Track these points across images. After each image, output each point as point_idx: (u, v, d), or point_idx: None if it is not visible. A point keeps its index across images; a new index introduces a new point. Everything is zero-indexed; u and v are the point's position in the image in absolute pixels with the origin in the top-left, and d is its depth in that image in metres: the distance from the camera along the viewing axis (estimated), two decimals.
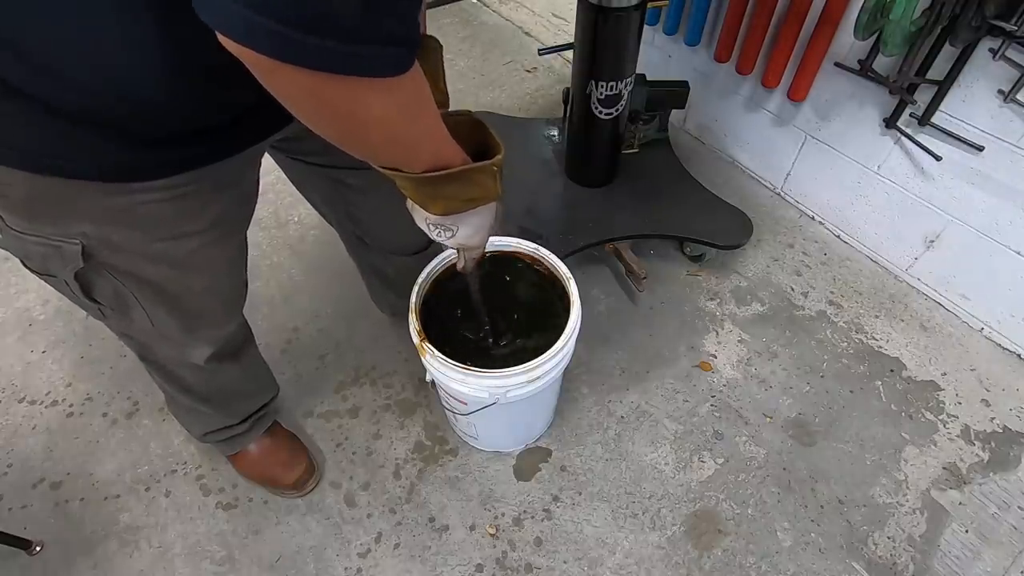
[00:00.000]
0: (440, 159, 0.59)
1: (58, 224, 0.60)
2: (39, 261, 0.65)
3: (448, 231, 0.69)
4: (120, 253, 0.64)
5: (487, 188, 0.65)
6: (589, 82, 1.33)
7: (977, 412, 1.32)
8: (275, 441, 1.20)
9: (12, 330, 1.49)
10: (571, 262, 1.14)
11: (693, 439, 1.29)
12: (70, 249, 0.62)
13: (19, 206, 0.59)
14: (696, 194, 1.58)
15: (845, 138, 1.50)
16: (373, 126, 0.50)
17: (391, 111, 0.49)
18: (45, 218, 0.60)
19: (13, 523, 1.17)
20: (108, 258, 0.65)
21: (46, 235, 0.61)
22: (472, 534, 1.17)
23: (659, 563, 1.14)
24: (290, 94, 0.45)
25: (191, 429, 1.14)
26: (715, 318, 1.50)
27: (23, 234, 0.62)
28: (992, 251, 1.33)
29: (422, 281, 1.02)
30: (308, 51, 0.39)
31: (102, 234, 0.62)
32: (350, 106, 0.46)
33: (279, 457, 1.19)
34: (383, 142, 0.54)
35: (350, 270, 1.25)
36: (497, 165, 0.62)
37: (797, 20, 1.38)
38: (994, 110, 1.19)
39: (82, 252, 0.62)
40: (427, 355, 0.94)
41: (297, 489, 1.19)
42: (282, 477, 1.18)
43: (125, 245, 0.63)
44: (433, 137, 0.57)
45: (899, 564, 1.13)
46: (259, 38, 0.38)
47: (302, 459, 1.20)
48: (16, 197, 0.57)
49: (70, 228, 0.60)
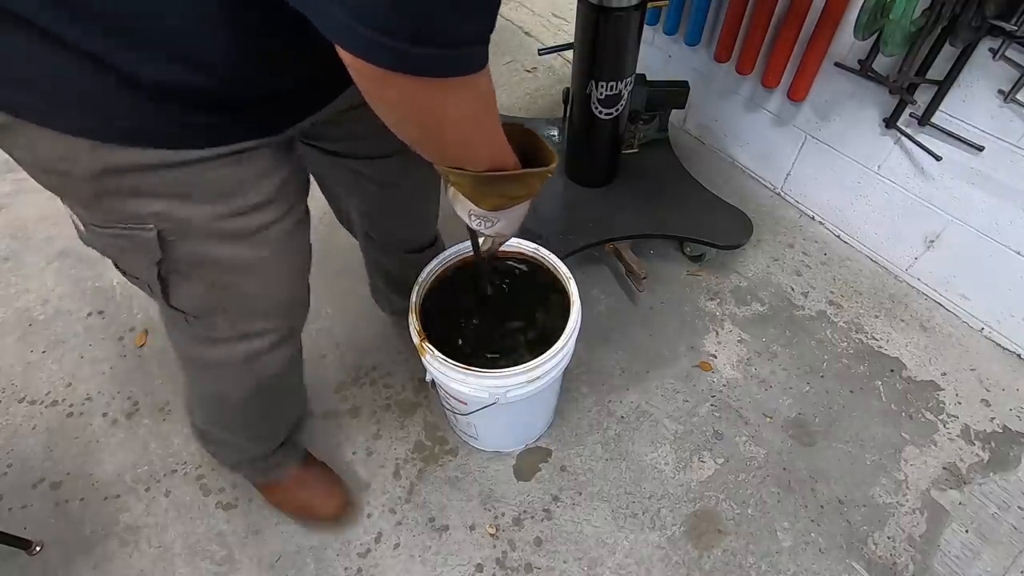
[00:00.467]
0: (497, 160, 0.64)
1: (126, 206, 0.60)
2: (119, 255, 0.67)
3: (489, 222, 0.75)
4: (191, 237, 0.64)
5: (533, 189, 0.72)
6: (589, 82, 1.33)
7: (977, 412, 1.32)
8: (309, 471, 1.16)
9: (12, 330, 1.49)
10: (571, 262, 1.14)
11: (693, 439, 1.29)
12: (145, 236, 0.62)
13: (83, 185, 0.59)
14: (696, 194, 1.58)
15: (845, 138, 1.50)
16: (452, 125, 0.55)
17: (472, 108, 0.55)
18: (112, 199, 0.60)
19: (13, 523, 1.17)
20: (183, 246, 0.65)
21: (119, 223, 0.62)
22: (472, 534, 1.17)
23: (659, 563, 1.14)
24: (389, 99, 0.50)
25: (225, 460, 1.10)
26: (715, 318, 1.50)
27: (99, 227, 0.63)
28: (992, 251, 1.33)
29: (422, 281, 1.02)
30: (419, 60, 0.45)
31: (172, 212, 0.61)
32: (441, 106, 0.52)
33: (315, 487, 1.16)
34: (457, 141, 0.59)
35: (350, 270, 1.25)
36: (551, 172, 0.69)
37: (797, 20, 1.38)
38: (994, 110, 1.19)
39: (158, 238, 0.63)
40: (427, 355, 0.94)
41: (335, 520, 1.16)
42: (319, 507, 1.15)
43: (195, 224, 0.63)
44: (496, 138, 0.63)
45: (899, 564, 1.13)
46: (377, 53, 0.44)
47: (338, 488, 1.17)
48: (80, 174, 0.57)
49: (139, 209, 0.60)
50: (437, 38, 0.44)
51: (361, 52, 0.44)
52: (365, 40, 0.43)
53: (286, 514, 1.18)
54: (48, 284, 1.58)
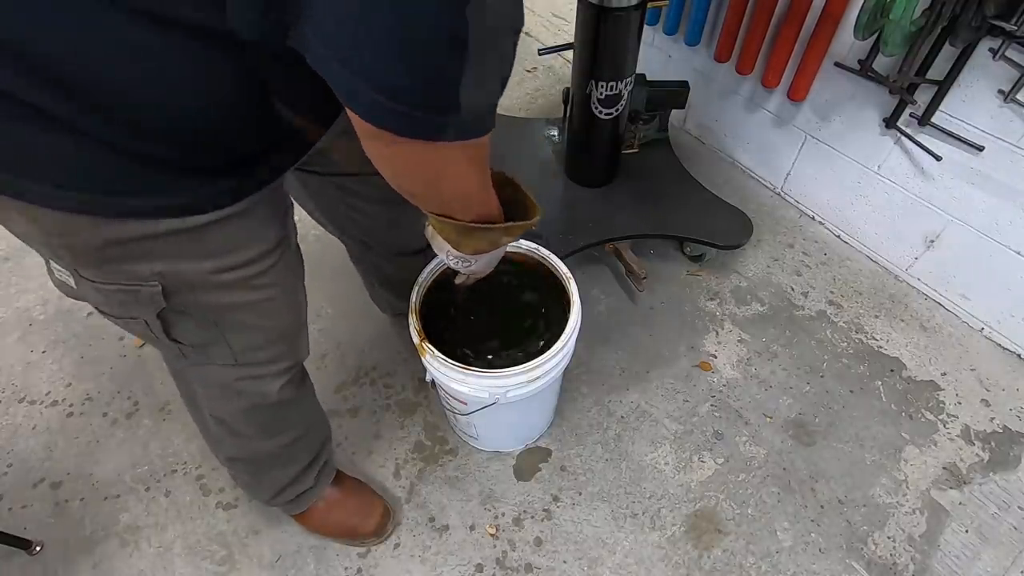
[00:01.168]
0: (483, 212, 0.66)
1: (131, 268, 0.58)
2: (118, 308, 0.64)
3: (467, 263, 0.76)
4: (197, 289, 0.63)
5: (514, 237, 0.74)
6: (589, 82, 1.33)
7: (977, 412, 1.32)
8: (342, 490, 1.14)
9: (12, 330, 1.49)
10: (571, 262, 1.14)
11: (693, 439, 1.29)
12: (149, 291, 0.61)
13: (88, 254, 0.57)
14: (696, 194, 1.58)
15: (845, 138, 1.50)
16: (449, 181, 0.57)
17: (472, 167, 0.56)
18: (115, 263, 0.58)
19: (13, 523, 1.17)
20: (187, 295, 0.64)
21: (120, 281, 0.59)
22: (472, 534, 1.17)
23: (659, 563, 1.14)
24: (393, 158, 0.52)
25: (257, 493, 1.06)
26: (715, 318, 1.50)
27: (98, 283, 0.60)
28: (992, 251, 1.33)
29: (422, 281, 1.02)
30: (427, 125, 0.46)
31: (177, 270, 0.60)
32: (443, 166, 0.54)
33: (352, 505, 1.14)
34: (452, 196, 0.60)
35: (350, 270, 1.25)
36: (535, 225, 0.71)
37: (797, 20, 1.38)
38: (994, 110, 1.19)
39: (162, 292, 0.61)
40: (427, 355, 0.94)
41: (377, 535, 1.14)
42: (361, 526, 1.13)
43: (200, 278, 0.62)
44: (487, 192, 0.64)
45: (899, 564, 1.13)
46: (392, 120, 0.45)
47: (376, 502, 1.15)
48: (81, 246, 0.55)
49: (143, 270, 0.59)
50: (447, 104, 0.45)
51: (367, 115, 0.44)
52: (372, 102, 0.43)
53: (331, 539, 1.15)
54: (48, 284, 1.58)
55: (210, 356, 0.74)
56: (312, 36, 0.42)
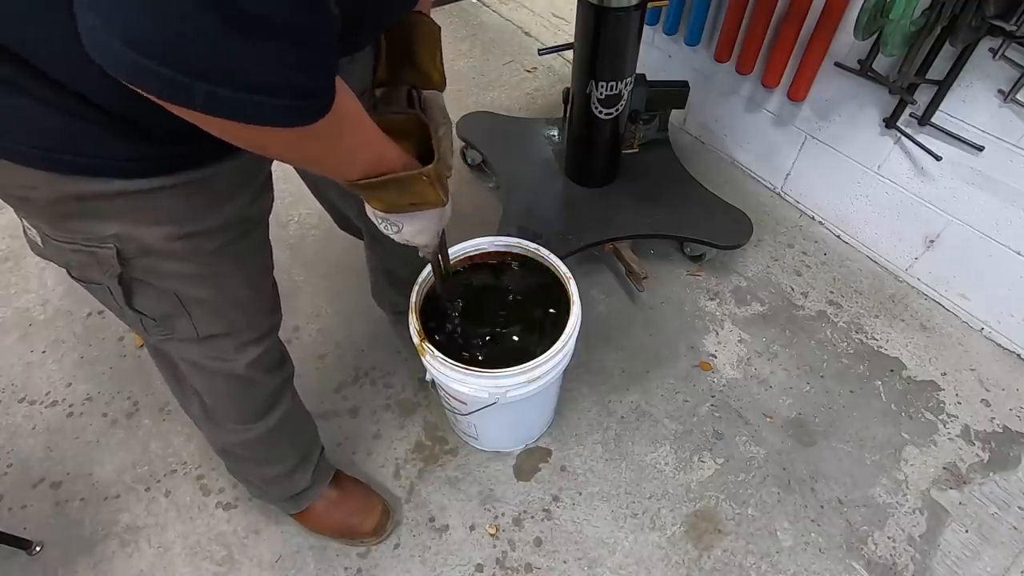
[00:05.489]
0: (379, 165, 0.60)
1: (87, 227, 0.60)
2: (79, 269, 0.66)
3: (394, 226, 0.72)
4: (151, 254, 0.65)
5: (425, 195, 0.66)
6: (589, 82, 1.33)
7: (977, 412, 1.32)
8: (342, 490, 1.14)
9: (12, 330, 1.49)
10: (571, 262, 1.14)
11: (693, 439, 1.29)
12: (105, 253, 0.62)
13: (44, 210, 0.59)
14: (696, 194, 1.58)
15: (845, 138, 1.50)
16: (288, 157, 0.54)
17: (306, 146, 0.52)
18: (73, 221, 0.60)
19: (13, 523, 1.17)
20: (142, 262, 0.65)
21: (79, 241, 0.62)
22: (472, 534, 1.17)
23: (659, 563, 1.14)
24: (203, 125, 0.46)
25: (252, 489, 1.10)
26: (715, 318, 1.50)
27: (60, 242, 0.63)
28: (992, 251, 1.33)
29: (422, 281, 1.02)
30: (214, 101, 0.40)
31: (131, 233, 0.62)
32: (262, 145, 0.50)
33: (352, 505, 1.14)
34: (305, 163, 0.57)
35: (349, 270, 1.25)
36: (427, 175, 0.62)
37: (797, 20, 1.38)
38: (994, 110, 1.19)
39: (117, 256, 0.63)
40: (427, 355, 0.94)
41: (377, 535, 1.14)
42: (360, 525, 1.12)
43: (154, 244, 0.64)
44: (366, 149, 0.58)
45: (899, 564, 1.13)
46: (145, 79, 0.39)
47: (375, 502, 1.15)
48: (39, 199, 0.57)
49: (100, 231, 0.61)
50: (198, 68, 0.38)
51: (113, 69, 0.39)
52: (133, 65, 0.38)
53: (330, 539, 1.15)
54: (48, 284, 1.58)
55: (175, 330, 0.75)
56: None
